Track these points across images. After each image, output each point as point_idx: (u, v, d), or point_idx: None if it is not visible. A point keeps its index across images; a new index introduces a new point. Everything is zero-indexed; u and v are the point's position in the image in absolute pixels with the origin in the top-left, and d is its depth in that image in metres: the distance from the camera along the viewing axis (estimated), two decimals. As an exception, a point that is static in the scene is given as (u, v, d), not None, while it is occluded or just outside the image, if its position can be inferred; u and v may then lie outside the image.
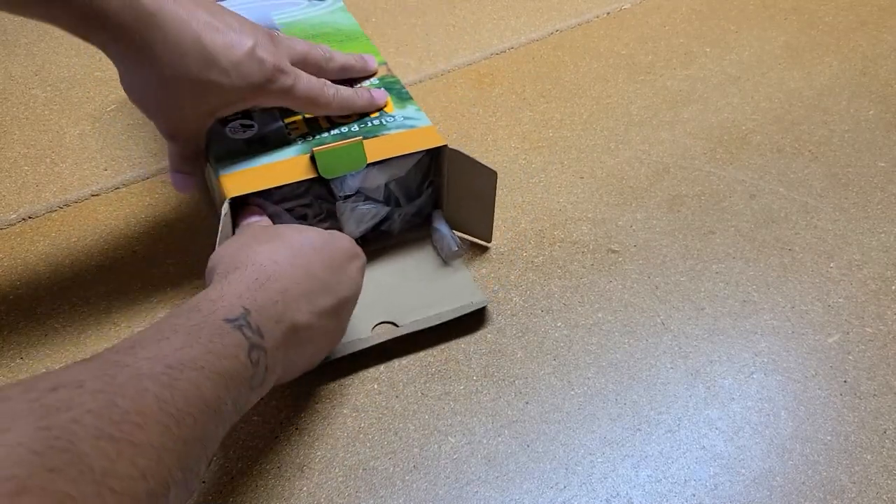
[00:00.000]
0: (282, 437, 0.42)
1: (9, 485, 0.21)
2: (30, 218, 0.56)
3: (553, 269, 0.52)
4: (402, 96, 0.53)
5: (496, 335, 0.48)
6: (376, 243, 0.52)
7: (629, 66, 0.73)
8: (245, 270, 0.37)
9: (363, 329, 0.47)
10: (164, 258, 0.53)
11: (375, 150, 0.48)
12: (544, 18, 0.80)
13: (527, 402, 0.44)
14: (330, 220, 0.50)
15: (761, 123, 0.65)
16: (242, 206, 0.46)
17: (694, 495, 0.40)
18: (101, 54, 0.42)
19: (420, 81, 0.70)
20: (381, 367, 0.46)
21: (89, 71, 0.71)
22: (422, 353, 0.47)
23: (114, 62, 0.44)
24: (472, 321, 0.48)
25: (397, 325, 0.47)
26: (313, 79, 0.48)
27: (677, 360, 0.46)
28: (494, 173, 0.49)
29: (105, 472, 0.24)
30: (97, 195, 0.58)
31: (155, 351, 0.29)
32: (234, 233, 0.45)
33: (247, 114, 0.50)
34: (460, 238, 0.52)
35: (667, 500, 0.39)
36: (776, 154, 0.62)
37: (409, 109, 0.52)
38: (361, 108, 0.51)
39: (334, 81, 0.50)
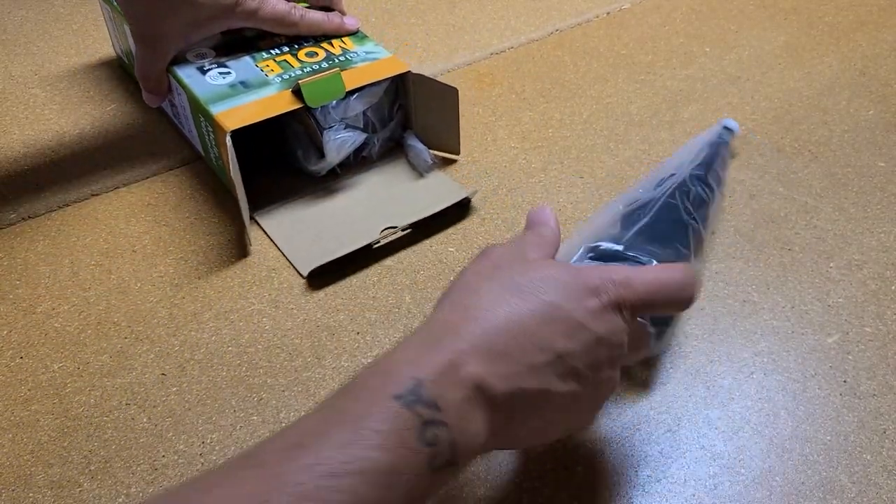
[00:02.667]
0: (282, 437, 0.42)
1: None
2: (30, 217, 0.56)
3: (553, 269, 0.52)
4: (360, 36, 0.60)
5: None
6: (358, 169, 0.59)
7: (629, 65, 0.73)
8: (431, 326, 0.31)
9: (373, 235, 0.53)
10: (164, 258, 0.53)
11: (350, 80, 0.54)
12: (544, 18, 0.80)
13: (526, 402, 0.44)
14: (313, 149, 0.56)
15: (761, 123, 0.65)
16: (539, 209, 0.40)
17: (693, 495, 0.40)
18: (100, 53, 0.42)
19: (420, 81, 0.70)
20: (381, 367, 0.46)
21: (89, 71, 0.71)
22: (422, 353, 0.47)
23: None
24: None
25: (398, 228, 0.54)
26: (280, 3, 0.55)
27: (677, 360, 0.46)
28: (455, 90, 0.55)
29: None
30: (97, 195, 0.58)
31: (315, 456, 0.26)
32: (232, 162, 0.49)
33: (222, 63, 0.56)
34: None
35: (666, 500, 0.39)
36: (776, 154, 0.62)
37: (369, 45, 0.59)
38: (331, 30, 0.58)
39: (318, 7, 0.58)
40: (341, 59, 0.56)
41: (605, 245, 0.44)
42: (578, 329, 0.31)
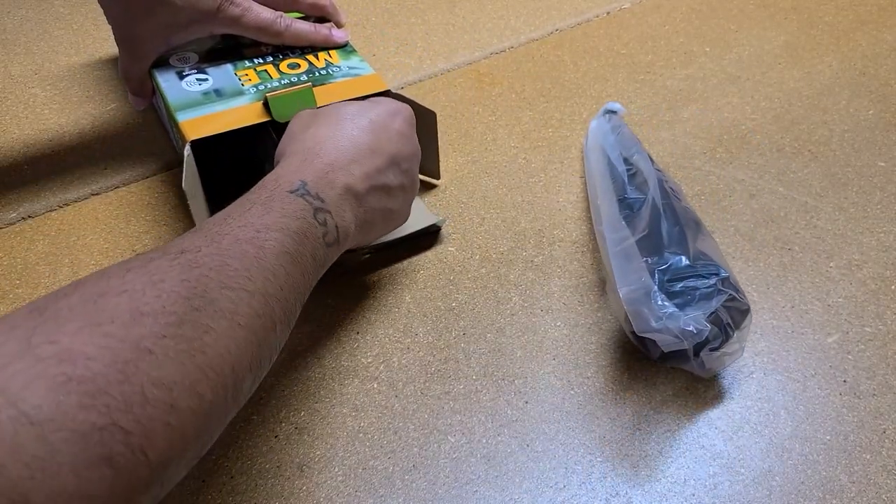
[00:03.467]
0: (281, 437, 0.42)
1: (172, 318, 0.29)
2: (30, 217, 0.56)
3: (553, 269, 0.52)
4: (348, 50, 0.58)
5: (496, 335, 0.48)
6: None
7: (629, 65, 0.73)
8: (295, 154, 0.42)
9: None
10: (163, 257, 0.53)
11: (324, 96, 0.52)
12: (544, 18, 0.80)
13: (526, 402, 0.44)
14: None
15: (761, 123, 0.65)
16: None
17: (693, 495, 0.40)
18: (100, 53, 0.42)
19: (420, 81, 0.70)
20: (381, 367, 0.46)
21: (89, 70, 0.71)
22: (421, 353, 0.47)
23: None
24: (471, 319, 0.48)
25: (367, 253, 0.53)
26: (265, 11, 0.54)
27: (677, 360, 0.46)
28: (433, 113, 0.54)
29: (232, 311, 0.31)
30: (97, 194, 0.58)
31: (243, 220, 0.36)
32: (197, 174, 0.50)
33: (202, 69, 0.55)
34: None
35: (666, 500, 0.39)
36: (776, 153, 0.62)
37: (354, 60, 0.57)
38: (318, 42, 0.57)
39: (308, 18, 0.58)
40: (322, 72, 0.54)
41: (673, 260, 0.44)
42: (398, 136, 0.45)
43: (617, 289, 0.43)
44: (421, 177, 0.57)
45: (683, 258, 0.44)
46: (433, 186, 0.59)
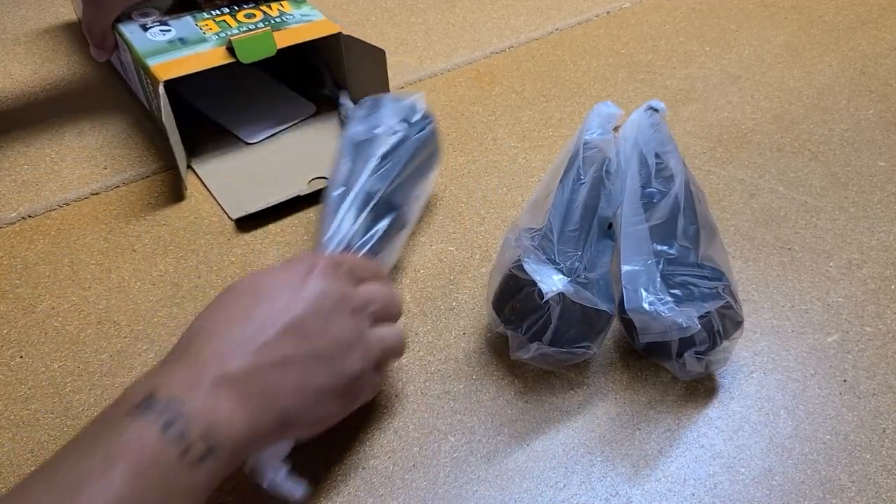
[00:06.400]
0: (281, 436, 0.42)
1: None
2: (29, 217, 0.56)
3: (553, 269, 0.52)
4: (299, 0, 0.63)
5: (495, 334, 0.48)
6: (295, 120, 0.64)
7: (629, 64, 0.73)
8: (172, 351, 0.34)
9: (299, 183, 0.57)
10: (163, 257, 0.53)
11: (282, 38, 0.58)
12: (544, 17, 0.80)
13: (526, 402, 0.44)
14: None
15: (761, 122, 0.65)
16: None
17: (693, 494, 0.40)
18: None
19: (420, 80, 0.70)
20: (381, 367, 0.46)
21: (89, 70, 0.71)
22: (421, 353, 0.47)
23: None
24: (471, 319, 0.48)
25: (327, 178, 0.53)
26: None
27: (677, 360, 0.46)
28: (382, 51, 0.58)
29: None
30: (97, 194, 0.58)
31: (51, 479, 0.28)
32: (171, 110, 0.54)
33: (164, 22, 0.60)
34: None
35: (666, 499, 0.39)
36: (776, 153, 0.62)
37: (305, 8, 0.62)
38: None
39: None
40: (277, 20, 0.60)
41: (682, 253, 0.44)
42: (305, 297, 0.35)
43: (620, 265, 0.43)
44: None
45: (692, 254, 0.44)
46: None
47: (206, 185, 0.58)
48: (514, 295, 0.43)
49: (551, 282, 0.40)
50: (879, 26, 0.78)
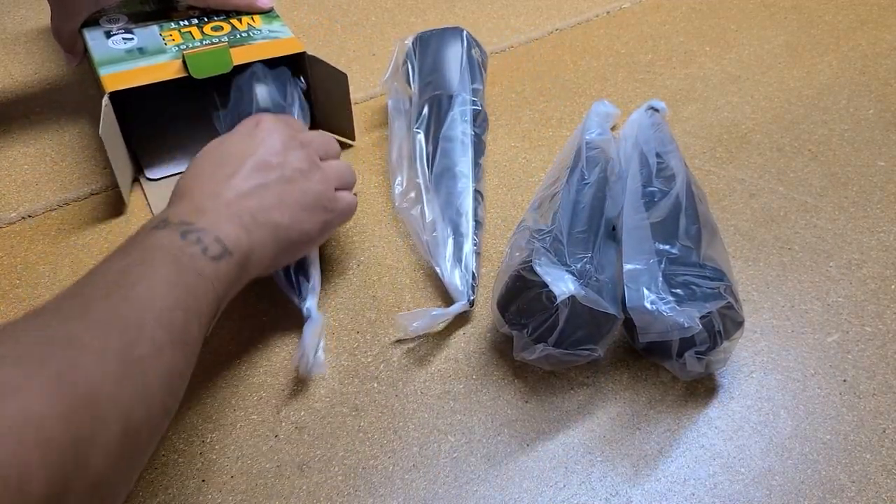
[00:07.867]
0: (281, 436, 0.42)
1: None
2: (29, 216, 0.56)
3: (553, 269, 0.52)
4: (272, 15, 0.61)
5: (495, 334, 0.48)
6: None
7: (629, 64, 0.73)
8: (170, 198, 0.42)
9: None
10: (163, 257, 0.53)
11: (241, 55, 0.55)
12: (544, 17, 0.80)
13: (526, 401, 0.44)
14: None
15: (761, 122, 0.65)
16: None
17: (693, 494, 0.40)
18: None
19: (420, 80, 0.70)
20: (381, 367, 0.46)
21: (89, 71, 0.71)
22: (422, 352, 0.47)
23: None
24: (471, 319, 0.48)
25: None
26: None
27: (677, 360, 0.46)
28: (344, 74, 0.56)
29: (101, 347, 0.29)
30: (97, 194, 0.58)
31: (104, 266, 0.34)
32: (116, 123, 0.54)
33: (129, 30, 0.58)
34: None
35: (666, 499, 0.39)
36: (776, 153, 0.62)
37: (275, 25, 0.60)
38: (242, 6, 0.60)
39: None
40: (244, 34, 0.58)
41: (684, 252, 0.44)
42: (260, 138, 0.43)
43: (622, 263, 0.43)
44: (337, 137, 0.57)
45: (694, 254, 0.44)
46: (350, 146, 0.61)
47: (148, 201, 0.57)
48: (521, 296, 0.43)
49: (563, 284, 0.40)
50: (879, 26, 0.78)
